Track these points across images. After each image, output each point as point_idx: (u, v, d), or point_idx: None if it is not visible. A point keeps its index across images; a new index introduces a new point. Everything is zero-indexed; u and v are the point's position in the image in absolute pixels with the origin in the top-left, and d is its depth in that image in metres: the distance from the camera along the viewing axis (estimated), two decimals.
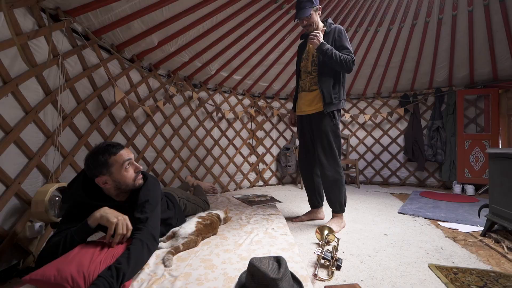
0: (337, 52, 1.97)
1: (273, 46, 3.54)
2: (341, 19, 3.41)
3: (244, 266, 1.28)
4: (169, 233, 1.68)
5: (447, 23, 3.35)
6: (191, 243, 1.57)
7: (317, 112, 2.10)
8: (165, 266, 1.34)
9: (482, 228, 1.99)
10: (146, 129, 2.90)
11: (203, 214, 1.90)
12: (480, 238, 1.88)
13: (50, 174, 1.77)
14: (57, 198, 1.56)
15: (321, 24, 2.18)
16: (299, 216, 2.37)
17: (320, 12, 2.15)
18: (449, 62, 3.79)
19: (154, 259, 1.41)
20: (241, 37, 3.16)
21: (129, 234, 1.27)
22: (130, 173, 1.37)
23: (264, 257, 1.15)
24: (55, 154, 1.81)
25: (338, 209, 2.14)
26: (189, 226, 1.67)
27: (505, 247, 1.67)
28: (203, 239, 1.70)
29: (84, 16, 1.99)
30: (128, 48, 2.55)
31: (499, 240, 1.76)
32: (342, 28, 2.10)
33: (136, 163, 1.41)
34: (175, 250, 1.47)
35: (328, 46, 1.97)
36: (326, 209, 2.36)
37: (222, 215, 2.06)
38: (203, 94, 3.71)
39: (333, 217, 2.17)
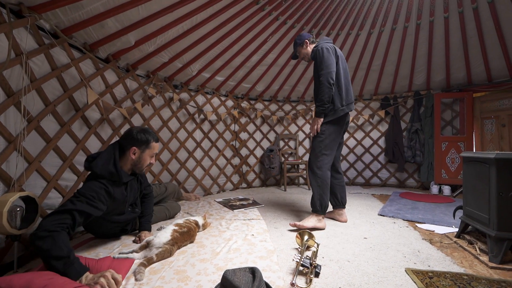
0: (317, 100, 2.19)
1: (256, 47, 3.50)
2: (323, 22, 3.43)
3: (219, 277, 1.23)
4: (143, 242, 1.60)
5: (425, 28, 3.44)
6: (165, 253, 1.50)
7: None
8: (136, 280, 1.27)
9: (457, 229, 2.04)
10: (123, 132, 2.78)
11: (180, 221, 1.83)
12: (454, 239, 1.93)
13: (13, 182, 1.64)
14: (18, 209, 1.45)
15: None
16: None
17: (307, 44, 2.39)
18: (427, 66, 3.91)
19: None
20: (222, 38, 3.11)
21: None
22: (148, 162, 1.73)
23: (238, 268, 1.11)
24: (18, 160, 1.68)
25: (311, 207, 2.21)
26: (164, 235, 1.60)
27: (477, 249, 1.71)
28: (179, 248, 1.64)
29: (52, 13, 1.87)
30: (103, 47, 2.43)
31: (472, 242, 1.81)
32: (317, 49, 2.23)
33: (154, 161, 1.80)
34: (148, 262, 1.41)
35: (317, 111, 2.20)
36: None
37: (201, 221, 2.00)
38: (184, 95, 3.62)
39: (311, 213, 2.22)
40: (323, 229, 2.17)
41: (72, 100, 2.17)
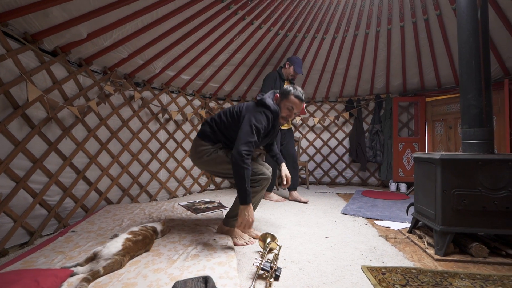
0: None
1: (222, 46, 3.43)
2: (290, 24, 3.47)
3: None
4: (90, 254, 1.46)
5: (384, 35, 3.65)
6: (115, 265, 1.38)
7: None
8: None
9: (409, 225, 2.17)
10: (75, 132, 2.54)
11: (135, 228, 1.71)
12: (407, 235, 2.04)
13: None
14: None
15: None
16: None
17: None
18: (386, 71, 4.15)
19: None
20: (187, 35, 2.99)
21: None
22: (285, 112, 1.96)
23: (191, 278, 1.05)
24: None
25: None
26: (115, 245, 1.47)
27: (425, 243, 1.83)
28: (132, 258, 1.52)
29: None
30: (49, 38, 2.19)
31: (421, 236, 1.93)
32: None
33: (290, 116, 1.98)
34: (93, 276, 1.27)
35: None
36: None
37: (159, 227, 1.89)
38: (147, 93, 3.43)
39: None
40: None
41: (9, 97, 1.91)
